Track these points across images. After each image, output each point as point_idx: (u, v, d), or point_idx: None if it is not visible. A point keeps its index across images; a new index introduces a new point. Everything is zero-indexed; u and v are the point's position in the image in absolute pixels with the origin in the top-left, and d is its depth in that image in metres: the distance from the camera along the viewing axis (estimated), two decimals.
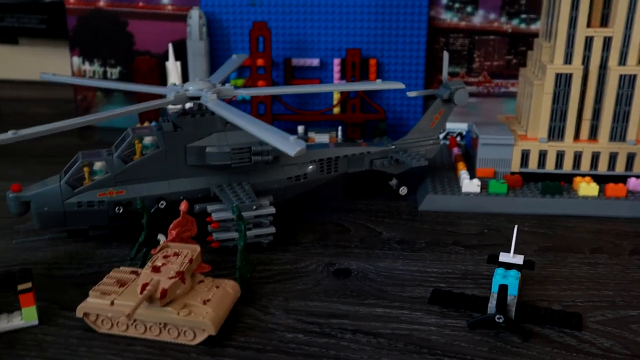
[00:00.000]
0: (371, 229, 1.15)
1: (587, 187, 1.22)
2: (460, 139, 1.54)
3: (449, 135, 1.53)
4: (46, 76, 1.22)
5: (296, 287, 0.95)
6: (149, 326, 0.82)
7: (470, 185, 1.24)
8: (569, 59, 1.23)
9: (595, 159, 1.26)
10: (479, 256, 1.04)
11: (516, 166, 1.28)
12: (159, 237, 1.03)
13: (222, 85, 1.09)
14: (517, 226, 0.90)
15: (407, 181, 1.29)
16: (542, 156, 1.27)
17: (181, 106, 1.09)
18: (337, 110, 1.57)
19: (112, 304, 0.81)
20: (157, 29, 1.63)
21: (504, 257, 0.89)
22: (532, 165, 1.28)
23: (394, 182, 1.29)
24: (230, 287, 0.87)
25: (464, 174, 1.27)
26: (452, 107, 1.28)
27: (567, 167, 1.27)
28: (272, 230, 1.05)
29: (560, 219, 1.19)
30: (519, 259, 0.88)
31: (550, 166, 1.28)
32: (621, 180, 1.25)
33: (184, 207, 0.97)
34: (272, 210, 1.05)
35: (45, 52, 2.16)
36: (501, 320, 0.82)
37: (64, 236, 1.09)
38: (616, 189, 1.22)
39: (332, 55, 1.56)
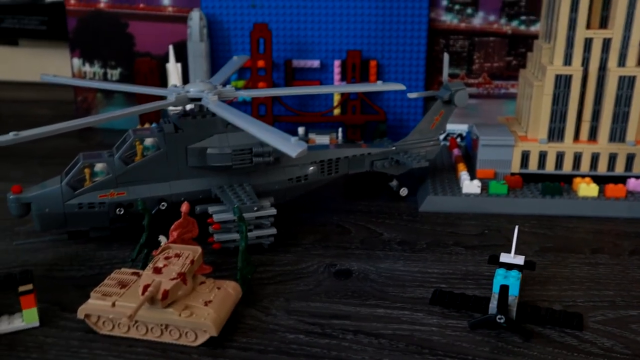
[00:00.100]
0: (372, 230, 1.15)
1: (587, 188, 1.22)
2: (460, 140, 1.54)
3: (449, 136, 1.53)
4: (47, 77, 1.22)
5: (297, 288, 0.95)
6: (151, 327, 0.82)
7: (470, 186, 1.24)
8: (568, 61, 1.23)
9: (595, 159, 1.27)
10: (480, 257, 1.05)
11: (516, 167, 1.28)
12: (160, 238, 1.03)
13: (223, 86, 1.09)
14: (518, 227, 0.90)
15: (407, 182, 1.29)
16: (542, 157, 1.27)
17: (182, 107, 1.09)
18: (337, 111, 1.57)
19: (113, 305, 0.81)
20: (157, 31, 1.63)
21: (504, 258, 0.89)
22: (532, 166, 1.28)
23: (394, 183, 1.29)
24: (231, 288, 0.87)
25: (464, 175, 1.27)
26: (453, 108, 1.28)
27: (567, 167, 1.28)
28: (273, 231, 1.05)
29: (560, 219, 1.19)
30: (520, 260, 0.88)
31: (550, 167, 1.28)
32: (621, 180, 1.25)
33: (185, 208, 0.96)
34: (273, 211, 1.05)
35: (45, 53, 2.16)
36: (502, 320, 0.83)
37: (65, 238, 1.09)
38: (616, 189, 1.22)
39: (332, 56, 1.56)
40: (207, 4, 1.56)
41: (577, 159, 1.27)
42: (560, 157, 1.27)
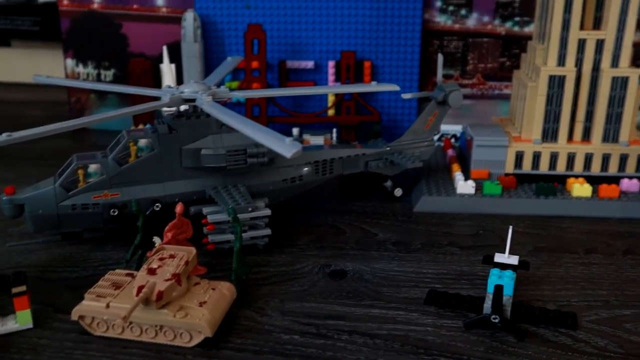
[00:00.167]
0: (366, 230, 1.15)
1: (581, 188, 1.23)
2: (454, 140, 1.55)
3: (443, 137, 1.54)
4: (40, 78, 1.21)
5: (292, 288, 0.95)
6: (145, 329, 0.82)
7: (464, 186, 1.24)
8: (562, 61, 1.24)
9: (588, 160, 1.27)
10: (474, 257, 1.05)
11: (510, 167, 1.29)
12: (154, 239, 1.03)
13: (217, 87, 1.09)
14: (512, 227, 0.90)
15: (401, 183, 1.30)
16: (536, 157, 1.28)
17: (176, 108, 1.09)
18: (331, 112, 1.57)
19: (107, 306, 0.81)
20: (151, 31, 1.63)
21: (499, 258, 0.89)
22: (526, 166, 1.28)
23: (389, 184, 1.29)
24: (226, 289, 0.87)
25: (458, 175, 1.28)
26: (447, 109, 1.28)
27: (561, 168, 1.28)
28: (268, 232, 1.05)
29: (554, 219, 1.19)
30: (514, 260, 0.89)
31: (544, 167, 1.28)
32: (614, 181, 1.26)
33: (179, 209, 0.96)
34: (267, 212, 1.05)
35: (38, 54, 2.15)
36: (497, 320, 0.83)
37: (58, 239, 1.08)
38: (609, 189, 1.22)
39: (326, 57, 1.56)
40: (201, 5, 1.56)
41: (571, 159, 1.27)
42: (554, 157, 1.27)
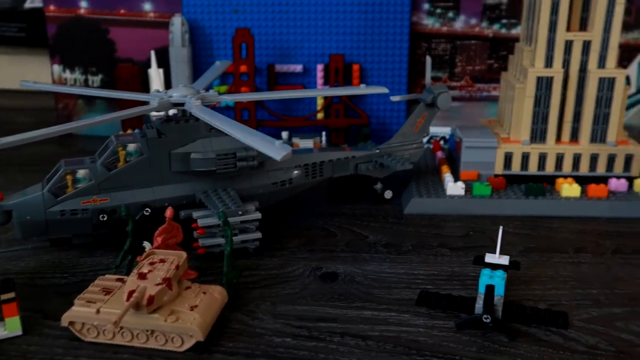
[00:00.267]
0: (357, 232, 1.15)
1: (570, 188, 1.23)
2: (443, 142, 1.55)
3: (432, 139, 1.54)
4: (27, 84, 1.21)
5: (283, 291, 0.95)
6: (136, 334, 0.81)
7: (454, 188, 1.24)
8: (549, 63, 1.24)
9: (576, 160, 1.28)
10: (465, 258, 1.05)
11: (499, 168, 1.29)
12: (144, 244, 1.02)
13: (205, 91, 1.08)
14: (502, 227, 0.90)
15: (391, 185, 1.30)
16: (525, 158, 1.28)
17: (164, 113, 1.08)
18: (320, 115, 1.57)
19: (98, 312, 0.81)
20: (139, 36, 1.62)
21: (489, 258, 0.89)
22: (515, 167, 1.29)
23: (378, 186, 1.29)
24: (217, 293, 0.86)
25: (448, 177, 1.28)
26: (436, 111, 1.28)
27: (550, 168, 1.29)
28: (258, 235, 1.05)
29: (543, 219, 1.20)
30: (505, 260, 0.89)
31: (532, 168, 1.29)
32: (602, 181, 1.27)
33: (169, 213, 0.96)
34: (258, 215, 1.05)
35: (24, 60, 2.14)
36: (488, 320, 0.83)
37: (47, 245, 1.08)
38: (598, 189, 1.23)
39: (315, 61, 1.57)
40: (188, 9, 1.56)
41: (560, 159, 1.28)
42: (542, 158, 1.28)
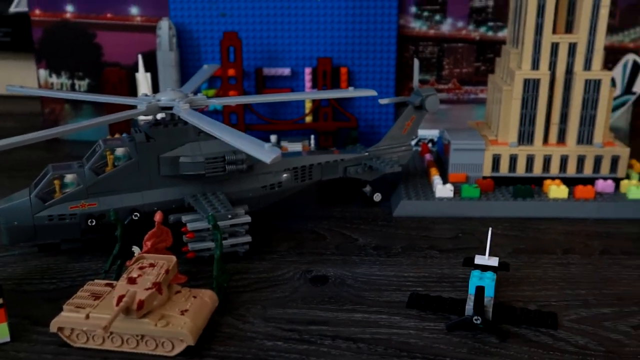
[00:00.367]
0: (347, 235, 1.15)
1: (557, 190, 1.24)
2: (431, 145, 1.56)
3: (420, 141, 1.55)
4: (13, 88, 1.20)
5: (274, 295, 0.95)
6: (126, 339, 0.81)
7: (443, 190, 1.25)
8: (536, 65, 1.25)
9: (564, 162, 1.29)
10: (455, 260, 1.05)
11: (488, 170, 1.30)
12: (134, 249, 1.01)
13: (194, 95, 1.08)
14: (491, 229, 0.91)
15: (380, 188, 1.30)
16: (513, 160, 1.29)
17: (152, 117, 1.08)
18: (309, 119, 1.57)
19: (87, 317, 0.80)
20: (126, 40, 1.62)
21: (479, 260, 0.90)
22: (503, 169, 1.30)
23: (368, 189, 1.29)
24: (207, 297, 0.86)
25: (437, 179, 1.28)
26: (424, 113, 1.29)
27: (537, 170, 1.29)
28: (248, 239, 1.04)
29: (532, 221, 1.20)
30: (494, 261, 0.89)
31: (520, 170, 1.30)
32: (589, 182, 1.28)
33: (158, 217, 0.95)
34: (247, 219, 1.04)
35: (10, 65, 2.12)
36: (479, 321, 0.83)
37: (35, 251, 1.07)
38: (585, 191, 1.24)
39: (303, 64, 1.57)
40: (176, 13, 1.55)
41: (547, 161, 1.29)
42: (530, 160, 1.29)
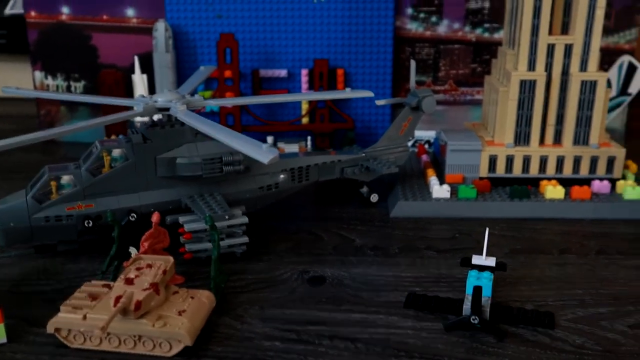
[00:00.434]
0: (344, 236, 1.16)
1: (554, 190, 1.25)
2: (428, 146, 1.56)
3: (417, 143, 1.55)
4: (9, 90, 1.19)
5: (272, 295, 0.95)
6: (123, 339, 0.80)
7: (440, 191, 1.25)
8: (532, 66, 1.26)
9: (560, 162, 1.29)
10: (452, 260, 1.05)
11: (484, 171, 1.30)
12: (130, 250, 1.01)
13: (191, 96, 1.08)
14: (488, 229, 0.91)
15: (377, 189, 1.30)
16: (509, 161, 1.29)
17: (148, 118, 1.08)
18: (305, 120, 1.57)
19: (84, 318, 0.80)
20: (122, 42, 1.62)
21: (476, 260, 0.90)
22: (500, 170, 1.30)
23: (364, 190, 1.29)
24: (205, 298, 0.86)
25: (433, 180, 1.29)
26: (421, 114, 1.29)
27: (534, 171, 1.30)
28: (246, 239, 1.04)
29: (528, 222, 1.21)
30: (492, 261, 0.89)
31: (517, 171, 1.30)
32: (586, 183, 1.28)
33: (155, 218, 0.95)
34: (244, 219, 1.04)
35: (5, 67, 2.11)
36: (476, 321, 0.83)
37: (31, 252, 1.06)
38: (581, 191, 1.25)
39: (299, 66, 1.57)
40: (172, 15, 1.55)
41: (543, 162, 1.29)
42: (526, 160, 1.29)
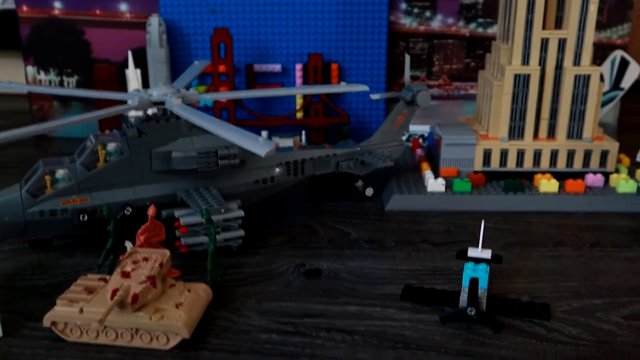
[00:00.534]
0: (339, 229, 1.16)
1: (548, 184, 1.25)
2: (422, 140, 1.56)
3: (411, 137, 1.55)
4: (2, 85, 1.19)
5: (268, 288, 0.95)
6: (120, 332, 0.80)
7: (435, 184, 1.25)
8: (526, 60, 1.26)
9: (554, 156, 1.30)
10: (447, 253, 1.06)
11: (479, 165, 1.30)
12: (126, 244, 1.01)
13: (186, 90, 1.08)
14: (484, 221, 0.91)
15: (372, 182, 1.30)
16: (504, 155, 1.30)
17: (142, 113, 1.07)
18: (300, 115, 1.57)
19: (81, 311, 0.79)
20: (115, 37, 1.61)
21: (472, 252, 0.90)
22: (494, 163, 1.30)
23: (359, 184, 1.30)
24: (202, 291, 0.86)
25: (428, 173, 1.29)
26: (415, 108, 1.29)
27: (528, 164, 1.30)
28: (242, 233, 1.04)
29: (523, 215, 1.21)
30: (487, 254, 0.90)
31: (511, 164, 1.30)
32: (579, 176, 1.29)
33: (151, 211, 0.95)
34: (240, 213, 1.04)
35: None
36: (473, 313, 0.84)
37: (26, 247, 1.06)
38: (575, 184, 1.25)
39: (294, 60, 1.57)
40: (166, 10, 1.55)
41: (537, 156, 1.30)
42: (520, 154, 1.30)
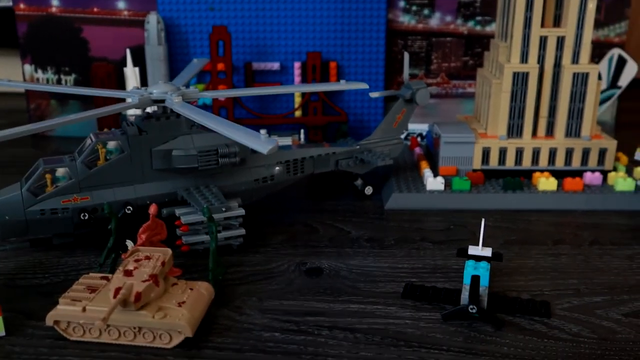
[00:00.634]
0: (340, 228, 1.16)
1: (546, 182, 1.26)
2: (421, 139, 1.57)
3: (409, 136, 1.55)
4: (1, 82, 1.19)
5: (269, 287, 0.95)
6: (123, 331, 0.80)
7: (434, 183, 1.26)
8: (524, 58, 1.27)
9: (552, 154, 1.30)
10: (447, 251, 1.06)
11: (478, 163, 1.31)
12: (127, 243, 1.01)
13: (186, 87, 1.08)
14: (484, 219, 0.91)
15: (371, 181, 1.31)
16: (502, 153, 1.30)
17: (141, 111, 1.07)
18: (298, 113, 1.57)
19: (84, 310, 0.79)
20: (113, 35, 1.61)
21: (473, 250, 0.90)
22: (493, 162, 1.31)
23: (359, 182, 1.30)
24: (204, 289, 0.86)
25: (427, 172, 1.29)
26: (414, 106, 1.30)
27: (527, 163, 1.31)
28: (242, 232, 1.04)
29: (522, 213, 1.22)
30: (488, 251, 0.90)
31: (510, 163, 1.31)
32: (578, 174, 1.29)
33: (153, 210, 0.95)
34: (241, 212, 1.04)
35: None
36: (474, 310, 0.84)
37: (27, 245, 1.06)
38: (573, 183, 1.26)
39: (292, 59, 1.57)
40: (164, 7, 1.55)
41: (536, 154, 1.30)
42: (519, 152, 1.30)
